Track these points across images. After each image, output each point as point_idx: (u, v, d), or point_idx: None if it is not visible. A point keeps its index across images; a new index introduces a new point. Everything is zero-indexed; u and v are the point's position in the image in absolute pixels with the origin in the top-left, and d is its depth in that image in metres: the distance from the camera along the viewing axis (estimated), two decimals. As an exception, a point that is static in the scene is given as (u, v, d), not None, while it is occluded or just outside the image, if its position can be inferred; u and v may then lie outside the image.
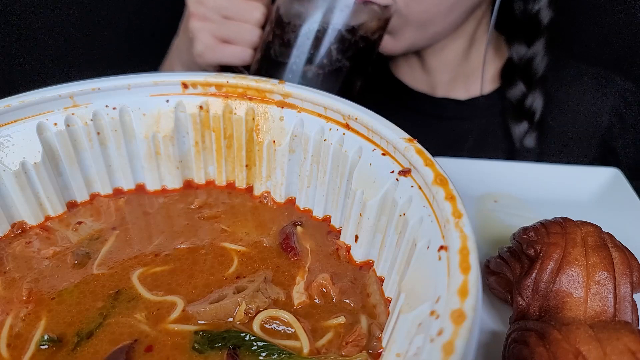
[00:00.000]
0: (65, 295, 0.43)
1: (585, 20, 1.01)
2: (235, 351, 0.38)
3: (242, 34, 0.71)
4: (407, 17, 0.77)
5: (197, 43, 0.73)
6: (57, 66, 1.05)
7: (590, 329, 0.38)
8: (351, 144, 0.47)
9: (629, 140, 0.91)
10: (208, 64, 0.75)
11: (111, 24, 1.13)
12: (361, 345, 0.39)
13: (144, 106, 0.53)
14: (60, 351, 0.38)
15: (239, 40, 0.71)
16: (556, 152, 0.88)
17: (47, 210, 0.51)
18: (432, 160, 0.40)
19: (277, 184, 0.54)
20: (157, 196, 0.56)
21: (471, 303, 0.29)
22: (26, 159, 0.48)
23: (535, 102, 0.86)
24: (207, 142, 0.55)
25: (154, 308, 0.42)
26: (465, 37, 0.89)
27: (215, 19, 0.72)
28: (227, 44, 0.72)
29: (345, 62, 0.66)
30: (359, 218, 0.46)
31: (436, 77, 0.95)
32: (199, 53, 0.74)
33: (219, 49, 0.72)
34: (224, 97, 0.53)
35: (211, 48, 0.73)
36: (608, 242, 0.46)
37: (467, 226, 0.34)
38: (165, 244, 0.49)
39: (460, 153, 0.84)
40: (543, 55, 0.87)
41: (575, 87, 0.92)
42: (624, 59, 1.02)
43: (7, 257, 0.47)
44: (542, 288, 0.45)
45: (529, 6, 0.86)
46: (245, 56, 0.71)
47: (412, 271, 0.37)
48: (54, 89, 0.50)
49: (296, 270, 0.46)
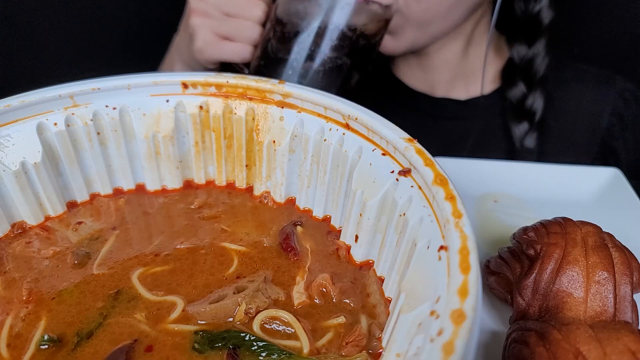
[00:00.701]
0: (65, 295, 0.43)
1: (585, 21, 1.01)
2: (235, 351, 0.38)
3: (242, 31, 0.70)
4: (408, 17, 0.77)
5: (197, 39, 0.73)
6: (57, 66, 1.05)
7: (590, 329, 0.38)
8: (351, 144, 0.47)
9: (629, 141, 0.91)
10: (207, 61, 0.75)
11: (111, 24, 1.13)
12: (361, 345, 0.39)
13: (144, 106, 0.53)
14: (60, 351, 0.38)
15: (239, 37, 0.71)
16: (556, 153, 0.88)
17: (47, 210, 0.51)
18: (432, 160, 0.40)
19: (277, 184, 0.54)
20: (157, 196, 0.56)
21: (471, 303, 0.29)
22: (26, 159, 0.48)
23: (535, 102, 0.86)
24: (207, 142, 0.55)
25: (154, 308, 0.42)
26: (464, 36, 0.90)
27: (216, 15, 0.71)
28: (227, 41, 0.72)
29: (346, 59, 0.66)
30: (359, 218, 0.46)
31: (435, 76, 0.95)
32: (199, 49, 0.74)
33: (219, 45, 0.72)
34: (224, 97, 0.53)
35: (211, 44, 0.72)
36: (608, 242, 0.46)
37: (467, 226, 0.34)
38: (165, 244, 0.49)
39: (460, 153, 0.84)
40: (544, 56, 0.87)
41: (576, 87, 0.92)
42: (624, 59, 1.02)
43: (7, 257, 0.47)
44: (542, 288, 0.45)
45: (530, 6, 0.86)
46: (245, 53, 0.71)
47: (412, 271, 0.37)
48: (54, 89, 0.50)
49: (296, 270, 0.46)
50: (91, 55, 1.12)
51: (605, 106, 0.91)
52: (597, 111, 0.91)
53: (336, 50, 0.65)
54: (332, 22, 0.64)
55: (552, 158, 0.81)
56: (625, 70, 0.95)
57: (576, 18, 0.99)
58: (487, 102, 0.92)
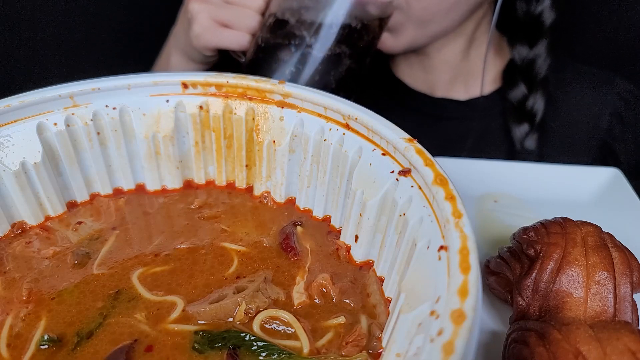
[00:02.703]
0: (65, 295, 0.43)
1: (585, 22, 1.01)
2: (235, 351, 0.38)
3: (241, 19, 0.70)
4: (408, 15, 0.77)
5: (195, 25, 0.72)
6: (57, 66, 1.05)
7: (590, 329, 0.38)
8: (351, 144, 0.47)
9: (629, 142, 0.91)
10: (204, 47, 0.74)
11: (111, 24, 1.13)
12: (361, 345, 0.39)
13: (144, 106, 0.53)
14: (60, 351, 0.38)
15: (238, 24, 0.70)
16: (556, 154, 0.88)
17: (47, 210, 0.51)
18: (432, 160, 0.40)
19: (277, 184, 0.54)
20: (157, 196, 0.56)
21: (471, 303, 0.29)
22: (26, 159, 0.48)
23: (536, 103, 0.86)
24: (207, 142, 0.55)
25: (154, 308, 0.42)
26: (464, 36, 0.89)
27: (216, 1, 0.71)
28: (226, 28, 0.71)
29: (345, 49, 0.66)
30: (359, 218, 0.46)
31: (436, 76, 0.95)
32: (197, 35, 0.73)
33: (217, 32, 0.71)
34: (224, 97, 0.53)
35: (209, 30, 0.71)
36: (608, 242, 0.46)
37: (467, 226, 0.34)
38: (165, 244, 0.49)
39: (460, 153, 0.84)
40: (545, 57, 0.87)
41: (576, 88, 0.92)
42: (625, 60, 1.02)
43: (7, 257, 0.47)
44: (542, 288, 0.45)
45: (532, 7, 0.86)
46: (243, 41, 0.70)
47: (412, 271, 0.37)
48: (54, 89, 0.50)
49: (296, 270, 0.46)
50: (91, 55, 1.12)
51: (605, 107, 0.91)
52: (597, 112, 0.91)
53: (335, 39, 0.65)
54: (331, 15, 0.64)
55: (552, 159, 0.81)
56: (626, 72, 0.95)
57: (576, 19, 0.99)
58: (487, 103, 0.92)
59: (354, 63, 0.68)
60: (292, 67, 0.65)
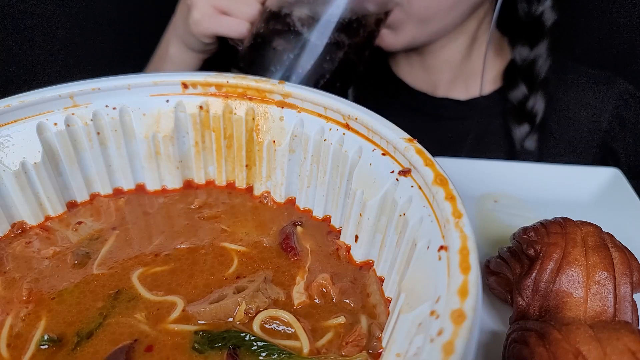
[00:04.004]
0: (65, 295, 0.43)
1: (586, 22, 1.01)
2: (235, 351, 0.38)
3: (241, 7, 0.69)
4: (409, 12, 0.77)
5: (195, 11, 0.72)
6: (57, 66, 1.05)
7: (590, 329, 0.38)
8: (351, 144, 0.47)
9: (629, 142, 0.91)
10: (203, 34, 0.74)
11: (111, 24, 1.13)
12: (361, 345, 0.39)
13: (144, 106, 0.53)
14: (60, 351, 0.38)
15: (237, 12, 0.70)
16: (556, 154, 0.88)
17: (47, 210, 0.51)
18: (432, 160, 0.40)
19: (277, 184, 0.54)
20: (157, 196, 0.56)
21: (471, 303, 0.29)
22: (26, 159, 0.48)
23: (536, 104, 0.86)
24: (207, 142, 0.55)
25: (154, 308, 0.42)
26: (466, 36, 0.89)
27: None
28: (225, 15, 0.71)
29: (344, 38, 0.65)
30: (359, 218, 0.46)
31: (437, 76, 0.95)
32: (196, 21, 0.72)
33: (216, 19, 0.71)
34: (224, 97, 0.53)
35: (208, 17, 0.71)
36: (608, 242, 0.46)
37: (467, 226, 0.34)
38: (165, 244, 0.49)
39: (460, 153, 0.84)
40: (546, 58, 0.87)
41: (576, 89, 0.92)
42: (625, 61, 1.02)
43: (7, 257, 0.47)
44: (542, 288, 0.45)
45: (533, 8, 0.86)
46: (242, 29, 0.70)
47: (412, 271, 0.37)
48: (54, 89, 0.50)
49: (296, 270, 0.46)
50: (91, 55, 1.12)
51: (605, 108, 0.91)
52: (597, 113, 0.91)
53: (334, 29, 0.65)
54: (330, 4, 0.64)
55: (552, 160, 0.81)
56: (626, 71, 0.95)
57: (576, 19, 0.99)
58: (487, 103, 0.92)
59: (353, 54, 0.68)
60: (290, 55, 0.65)
